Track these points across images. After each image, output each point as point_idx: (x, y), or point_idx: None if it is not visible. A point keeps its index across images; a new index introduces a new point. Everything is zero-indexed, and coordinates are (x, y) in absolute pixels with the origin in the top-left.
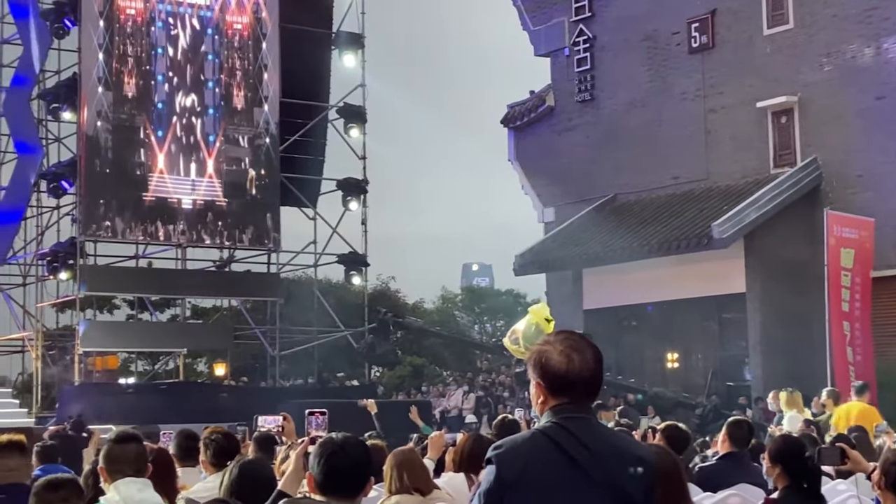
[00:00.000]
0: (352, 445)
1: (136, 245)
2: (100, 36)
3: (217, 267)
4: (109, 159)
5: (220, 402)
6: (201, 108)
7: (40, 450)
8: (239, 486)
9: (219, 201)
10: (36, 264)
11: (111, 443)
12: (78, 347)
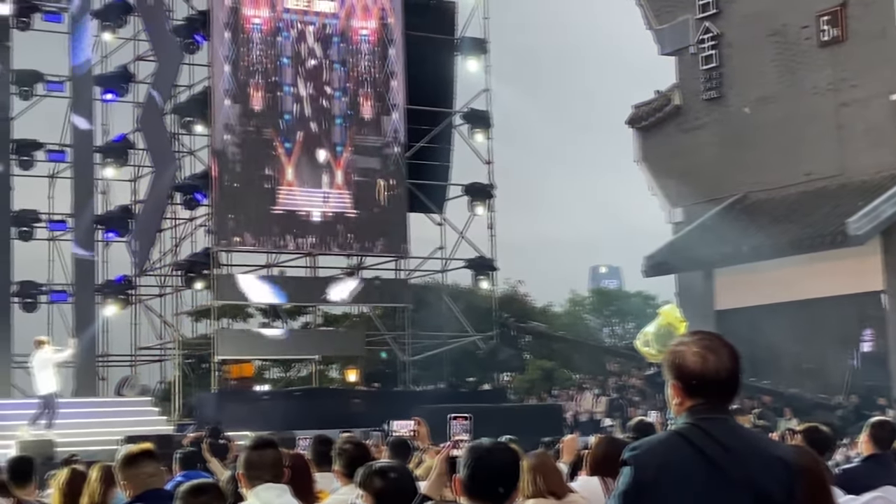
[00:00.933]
0: (500, 451)
1: (267, 254)
2: (226, 48)
3: (347, 274)
4: (238, 173)
5: (353, 407)
6: (329, 118)
7: (181, 456)
8: (379, 491)
9: (348, 213)
10: (172, 275)
11: (248, 449)
12: (214, 356)
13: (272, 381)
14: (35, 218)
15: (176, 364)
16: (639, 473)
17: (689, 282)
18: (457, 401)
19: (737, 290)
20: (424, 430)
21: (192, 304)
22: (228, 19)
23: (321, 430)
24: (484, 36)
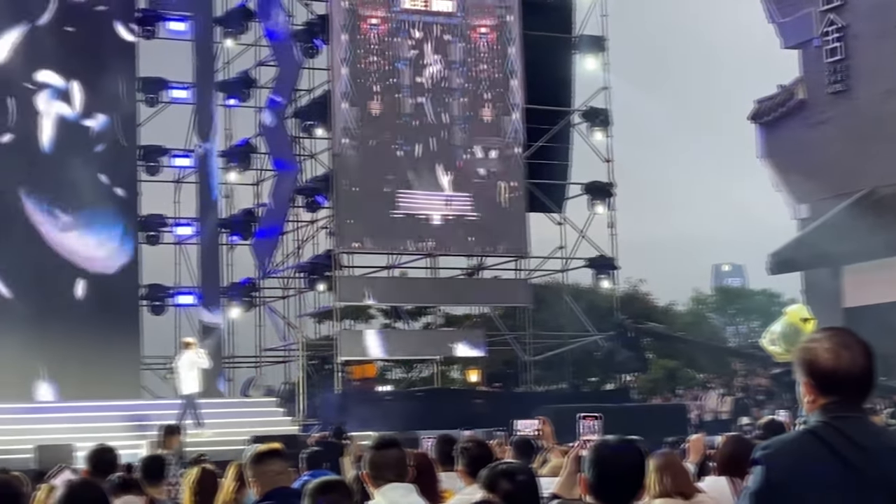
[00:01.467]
0: (626, 450)
1: (388, 256)
2: (343, 50)
3: (467, 275)
4: (356, 177)
5: (476, 407)
6: (448, 119)
7: (307, 456)
8: (501, 488)
9: (469, 215)
10: (295, 277)
11: (372, 449)
12: (337, 357)
13: (394, 381)
14: (161, 222)
15: (300, 365)
16: (770, 473)
17: (816, 279)
18: (579, 401)
19: (866, 286)
20: (549, 429)
21: (314, 306)
22: (345, 21)
23: (443, 430)
24: (602, 33)
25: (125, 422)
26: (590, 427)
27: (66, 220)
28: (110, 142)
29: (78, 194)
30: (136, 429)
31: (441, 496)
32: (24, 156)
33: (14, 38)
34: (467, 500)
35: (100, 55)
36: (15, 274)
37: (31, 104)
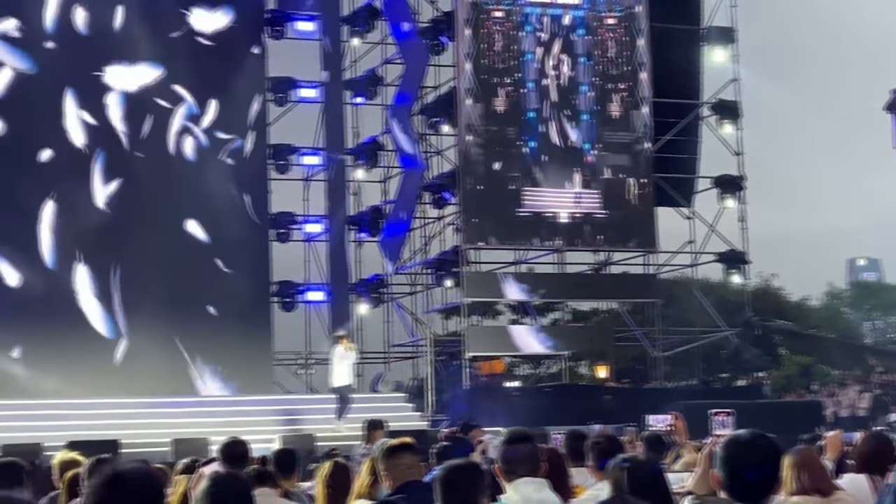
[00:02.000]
0: (759, 444)
1: (515, 251)
2: (467, 46)
3: (594, 270)
4: (481, 174)
5: (604, 403)
6: (575, 114)
7: (437, 451)
8: (629, 484)
9: (597, 213)
10: (423, 273)
11: (504, 444)
12: (465, 352)
13: (522, 377)
14: (291, 220)
15: (428, 361)
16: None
17: None
18: (709, 397)
19: None
20: (682, 424)
21: (442, 302)
22: (469, 16)
23: (572, 426)
24: (731, 24)
25: (258, 416)
26: (721, 422)
27: (200, 223)
28: (240, 146)
29: (210, 197)
30: (269, 423)
31: (572, 492)
32: (159, 164)
33: (151, 54)
34: (597, 496)
35: (231, 62)
36: (150, 273)
37: (166, 116)
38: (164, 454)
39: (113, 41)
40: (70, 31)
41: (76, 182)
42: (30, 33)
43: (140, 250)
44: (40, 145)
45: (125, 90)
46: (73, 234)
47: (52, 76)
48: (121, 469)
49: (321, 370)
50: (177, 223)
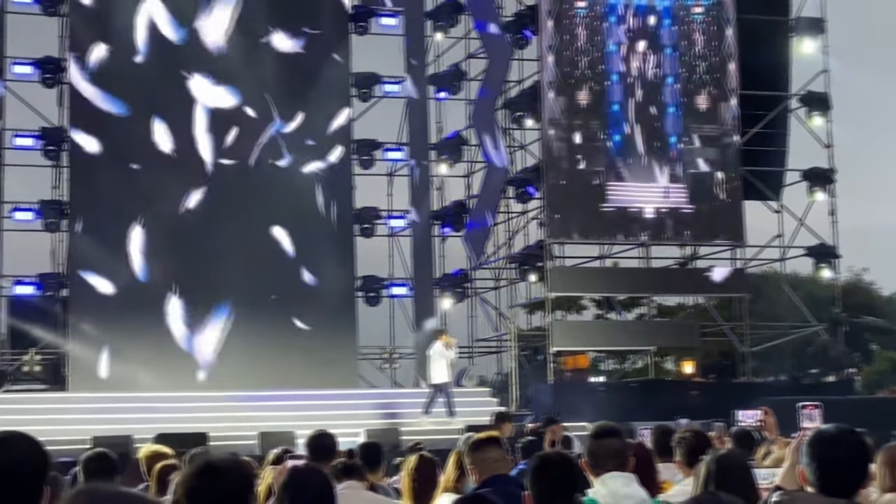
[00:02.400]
0: (845, 438)
1: (600, 245)
2: (550, 39)
3: (680, 265)
4: (564, 169)
5: (691, 399)
6: (660, 107)
7: (522, 446)
8: (716, 478)
9: (684, 208)
10: (507, 268)
11: (591, 438)
12: (549, 347)
13: (607, 372)
14: (375, 215)
15: (512, 355)
16: None
17: None
18: (799, 393)
19: None
20: (772, 420)
21: (526, 296)
22: (552, 7)
23: (658, 421)
24: (821, 14)
25: (343, 410)
26: (809, 416)
27: (285, 225)
28: (324, 141)
29: (295, 196)
30: (354, 417)
31: (659, 487)
32: (245, 169)
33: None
34: (685, 492)
35: (317, 66)
36: (235, 269)
37: (253, 124)
38: (251, 447)
39: (198, 54)
40: (157, 45)
41: (164, 193)
42: (120, 48)
43: (226, 248)
44: (132, 158)
45: (210, 102)
46: (162, 243)
47: (142, 91)
48: (212, 460)
49: (405, 364)
50: (263, 224)
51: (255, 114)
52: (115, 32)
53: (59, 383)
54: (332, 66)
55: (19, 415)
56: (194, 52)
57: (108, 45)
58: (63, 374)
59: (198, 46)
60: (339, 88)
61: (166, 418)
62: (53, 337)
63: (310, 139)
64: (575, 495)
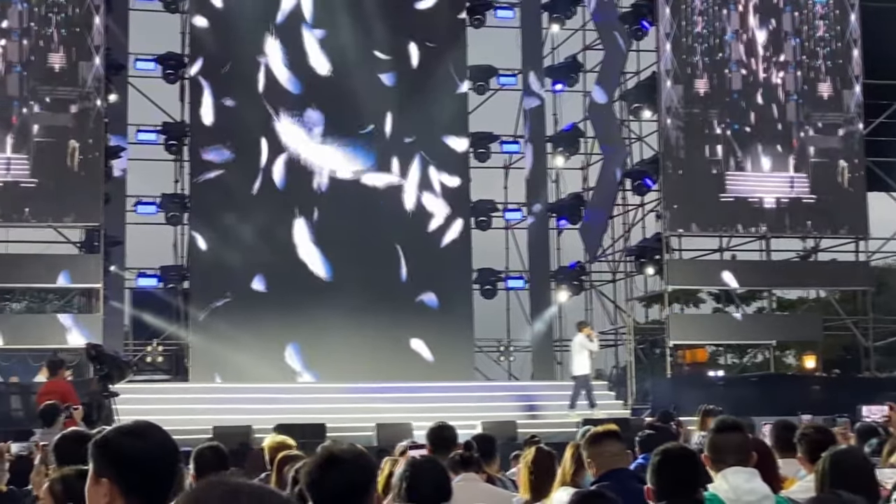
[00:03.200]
0: None
1: (719, 238)
2: (666, 25)
3: (801, 258)
4: (681, 159)
5: (812, 394)
6: (782, 95)
7: (640, 439)
8: (832, 476)
9: (806, 198)
10: (624, 261)
11: (713, 432)
12: (667, 341)
13: (726, 366)
14: (492, 207)
15: (629, 349)
16: None
17: None
18: None
19: None
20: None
21: (644, 290)
22: None
23: (779, 416)
24: None
25: (460, 402)
26: None
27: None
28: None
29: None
30: (471, 409)
31: (781, 483)
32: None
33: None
34: (809, 488)
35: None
36: (352, 260)
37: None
38: (369, 438)
39: (320, 57)
40: (280, 47)
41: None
42: (241, 48)
43: (343, 238)
44: (249, 152)
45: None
46: (279, 232)
47: (260, 89)
48: (335, 450)
49: (520, 357)
50: (383, 218)
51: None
52: (237, 32)
53: (180, 374)
54: (448, 66)
55: (143, 404)
56: (314, 55)
57: (229, 43)
58: (185, 365)
59: (318, 52)
60: (455, 89)
61: (285, 409)
62: (175, 328)
63: (425, 133)
64: (697, 490)
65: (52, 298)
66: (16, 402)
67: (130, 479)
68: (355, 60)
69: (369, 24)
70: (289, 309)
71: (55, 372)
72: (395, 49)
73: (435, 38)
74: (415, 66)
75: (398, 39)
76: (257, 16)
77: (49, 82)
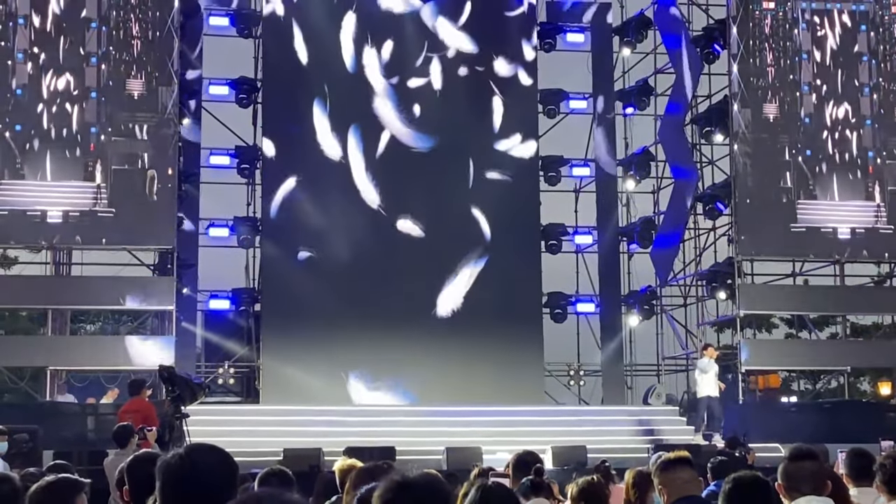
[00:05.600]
0: None
1: (792, 262)
2: (734, 47)
3: (876, 283)
4: (753, 185)
5: (888, 421)
6: (857, 118)
7: (712, 466)
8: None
9: (884, 229)
10: (696, 285)
11: (787, 460)
12: (740, 366)
13: (799, 392)
14: (562, 231)
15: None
16: None
17: None
18: None
19: None
20: None
21: (715, 314)
22: (737, 13)
23: (853, 443)
24: None
25: (530, 426)
26: None
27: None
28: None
29: (484, 212)
30: (541, 434)
31: None
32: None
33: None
34: None
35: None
36: (422, 282)
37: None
38: (438, 462)
39: (390, 79)
40: (348, 71)
41: (352, 208)
42: (311, 69)
43: (413, 263)
44: (320, 176)
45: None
46: (349, 258)
47: (333, 112)
48: (409, 476)
49: (590, 381)
50: (453, 241)
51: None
52: (308, 54)
53: (252, 396)
54: (519, 87)
55: (215, 425)
56: (385, 79)
57: (300, 66)
58: (256, 387)
59: (386, 72)
60: (526, 108)
61: (355, 432)
62: (246, 351)
63: (497, 156)
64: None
65: (126, 320)
66: (91, 423)
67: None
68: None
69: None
70: (358, 332)
71: (137, 391)
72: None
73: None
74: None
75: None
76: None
77: (127, 108)
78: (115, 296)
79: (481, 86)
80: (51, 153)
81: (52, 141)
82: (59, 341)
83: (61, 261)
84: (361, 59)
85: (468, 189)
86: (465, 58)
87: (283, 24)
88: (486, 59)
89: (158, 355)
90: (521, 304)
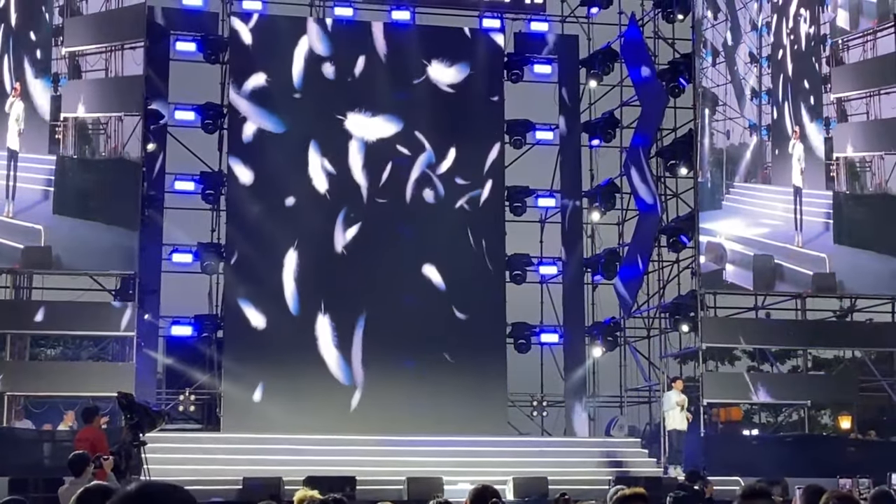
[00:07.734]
0: None
1: (755, 297)
2: (708, 82)
3: (837, 318)
4: None
5: (848, 456)
6: (817, 155)
7: (672, 500)
8: None
9: None
10: (659, 317)
11: (740, 498)
12: (702, 398)
13: (761, 425)
14: (527, 262)
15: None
16: None
17: None
18: None
19: None
20: None
21: (678, 347)
22: (705, 54)
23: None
24: None
25: (492, 457)
26: None
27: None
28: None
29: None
30: (502, 465)
31: None
32: (398, 210)
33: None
34: None
35: (469, 109)
36: (388, 317)
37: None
38: (399, 492)
39: (354, 91)
40: (314, 82)
41: (318, 228)
42: (277, 86)
43: (378, 296)
44: (286, 192)
45: (365, 138)
46: (315, 279)
47: (298, 125)
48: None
49: (553, 412)
50: (414, 269)
51: (408, 151)
52: (274, 69)
53: (213, 423)
54: (486, 106)
55: (175, 453)
56: (348, 89)
57: (266, 79)
58: (217, 415)
59: (352, 83)
60: (492, 128)
61: (316, 461)
62: (208, 378)
63: (462, 178)
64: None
65: (87, 346)
66: (47, 450)
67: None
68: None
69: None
70: (321, 359)
71: (90, 419)
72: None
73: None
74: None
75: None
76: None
77: (92, 132)
78: (76, 321)
79: (449, 118)
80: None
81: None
82: (17, 366)
83: (22, 285)
84: (322, 85)
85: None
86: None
87: (249, 50)
88: (454, 92)
89: (118, 381)
90: (485, 334)
